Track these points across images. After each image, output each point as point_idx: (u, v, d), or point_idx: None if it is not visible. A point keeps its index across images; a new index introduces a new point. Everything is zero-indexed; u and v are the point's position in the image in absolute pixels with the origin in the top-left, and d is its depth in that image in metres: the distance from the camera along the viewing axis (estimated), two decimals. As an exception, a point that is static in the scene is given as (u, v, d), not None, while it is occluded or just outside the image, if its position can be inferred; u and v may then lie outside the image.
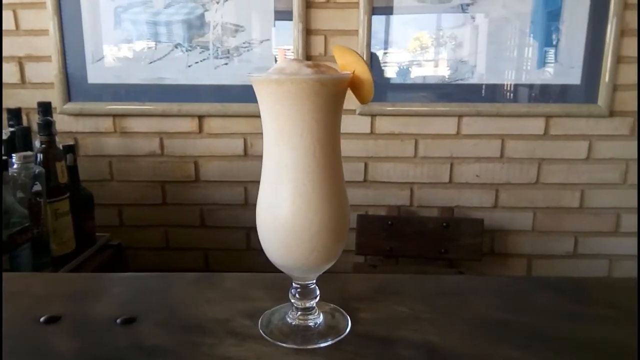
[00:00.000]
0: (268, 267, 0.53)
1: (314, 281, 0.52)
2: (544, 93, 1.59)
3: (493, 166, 1.64)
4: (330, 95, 0.45)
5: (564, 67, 1.56)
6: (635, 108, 1.56)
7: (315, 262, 0.49)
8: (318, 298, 0.52)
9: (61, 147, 1.32)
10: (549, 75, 1.57)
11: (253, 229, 1.77)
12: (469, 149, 1.63)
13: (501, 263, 1.71)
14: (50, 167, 1.24)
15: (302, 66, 0.45)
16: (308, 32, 1.55)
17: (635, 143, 1.58)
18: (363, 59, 0.46)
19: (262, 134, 1.55)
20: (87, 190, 1.41)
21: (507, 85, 1.59)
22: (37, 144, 1.30)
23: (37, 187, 1.17)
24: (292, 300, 0.52)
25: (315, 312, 0.53)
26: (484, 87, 1.59)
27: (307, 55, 1.56)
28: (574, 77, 1.56)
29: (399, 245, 1.58)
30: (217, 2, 1.55)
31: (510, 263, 1.72)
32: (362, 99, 0.48)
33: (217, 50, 1.58)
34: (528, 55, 1.57)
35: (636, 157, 1.59)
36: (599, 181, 1.63)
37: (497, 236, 1.70)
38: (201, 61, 1.59)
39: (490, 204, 1.68)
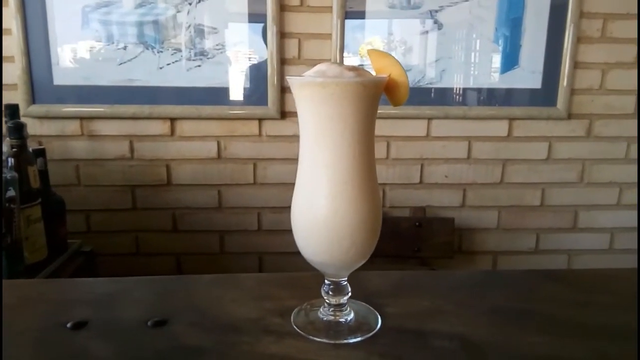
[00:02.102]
0: (242, 269, 0.54)
1: (346, 278, 0.54)
2: (507, 97, 1.66)
3: (460, 167, 1.71)
4: (370, 97, 0.47)
5: (526, 72, 1.64)
6: (591, 111, 1.67)
7: (352, 258, 0.50)
8: (349, 294, 0.54)
9: (32, 151, 1.27)
10: (512, 79, 1.65)
11: (227, 232, 1.75)
12: (438, 151, 1.69)
13: (469, 260, 1.78)
14: (22, 172, 1.19)
15: (343, 69, 0.47)
16: (282, 35, 1.56)
17: (591, 144, 1.69)
18: (399, 62, 0.48)
19: (237, 136, 1.55)
20: (58, 196, 1.36)
21: (472, 89, 1.65)
22: (4, 147, 1.25)
23: (11, 192, 1.12)
24: (325, 297, 0.54)
25: (347, 308, 0.54)
26: (452, 90, 1.64)
27: (281, 58, 1.57)
28: (535, 81, 1.64)
29: (373, 245, 1.61)
30: (190, 4, 1.53)
31: (478, 260, 1.79)
32: (396, 101, 0.50)
33: (189, 52, 1.56)
34: (492, 61, 1.65)
35: (592, 157, 1.70)
36: (558, 180, 1.73)
37: (464, 234, 1.76)
38: (173, 63, 1.57)
39: (458, 204, 1.74)
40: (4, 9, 1.46)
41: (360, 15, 1.58)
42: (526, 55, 1.63)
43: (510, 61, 1.64)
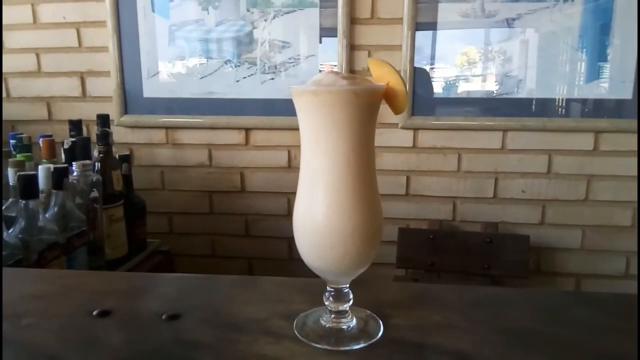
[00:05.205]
0: (308, 275, 0.55)
1: (348, 285, 0.54)
2: (593, 108, 1.55)
3: (539, 182, 1.61)
4: (365, 106, 0.48)
5: (615, 82, 1.52)
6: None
7: (348, 265, 0.51)
8: (351, 302, 0.54)
9: (117, 157, 1.40)
10: (598, 89, 1.54)
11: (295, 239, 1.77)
12: (514, 164, 1.61)
13: (548, 282, 1.67)
14: (106, 175, 1.32)
15: (338, 78, 0.48)
16: (352, 48, 1.58)
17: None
18: (397, 71, 0.48)
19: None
20: (140, 198, 1.49)
21: (554, 99, 1.56)
22: (95, 153, 1.39)
23: (94, 193, 1.25)
24: (326, 303, 0.54)
25: (349, 315, 0.54)
26: (530, 101, 1.56)
27: (351, 70, 1.59)
28: (626, 91, 1.52)
29: (440, 259, 1.57)
30: (265, 20, 1.61)
31: (558, 282, 1.67)
32: (395, 110, 0.50)
33: (264, 66, 1.64)
34: (577, 70, 1.55)
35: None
36: (653, 199, 1.57)
37: (543, 254, 1.66)
38: (249, 76, 1.65)
39: (536, 221, 1.64)
40: (102, 29, 1.63)
41: (432, 26, 1.56)
42: (615, 63, 1.51)
43: (596, 70, 1.53)
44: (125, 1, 1.62)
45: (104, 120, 1.45)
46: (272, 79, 1.64)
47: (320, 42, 1.62)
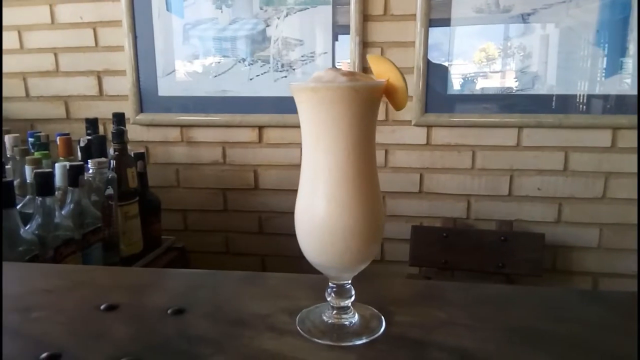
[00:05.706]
0: (319, 272, 0.56)
1: (349, 281, 0.54)
2: (611, 104, 1.52)
3: (555, 179, 1.59)
4: (364, 102, 0.48)
5: (633, 77, 1.49)
6: None
7: (349, 262, 0.51)
8: (353, 298, 0.54)
9: (132, 155, 1.42)
10: (616, 85, 1.51)
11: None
12: (529, 161, 1.59)
13: (564, 280, 1.65)
14: (121, 173, 1.34)
15: (337, 74, 0.48)
16: (365, 45, 1.58)
17: None
18: (397, 67, 0.48)
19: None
20: (154, 195, 1.51)
21: (574, 95, 1.53)
22: (111, 151, 1.41)
23: (110, 191, 1.27)
24: (328, 299, 0.54)
25: (351, 311, 0.54)
26: (550, 97, 1.54)
27: (363, 68, 1.59)
28: (646, 87, 1.48)
29: (454, 257, 1.56)
30: (278, 18, 1.61)
31: (574, 281, 1.65)
32: (396, 106, 0.49)
33: (277, 64, 1.64)
34: (597, 65, 1.52)
35: None
36: (673, 197, 1.54)
37: (559, 252, 1.64)
38: (262, 74, 1.66)
39: (552, 219, 1.62)
40: (118, 29, 1.65)
41: (446, 22, 1.55)
42: (634, 58, 1.48)
43: (615, 65, 1.50)
44: (140, 1, 1.65)
45: (119, 118, 1.47)
46: (285, 76, 1.64)
47: (337, 39, 1.62)
